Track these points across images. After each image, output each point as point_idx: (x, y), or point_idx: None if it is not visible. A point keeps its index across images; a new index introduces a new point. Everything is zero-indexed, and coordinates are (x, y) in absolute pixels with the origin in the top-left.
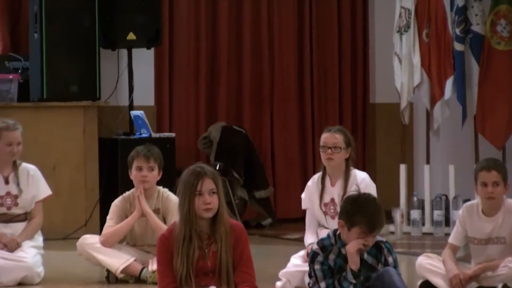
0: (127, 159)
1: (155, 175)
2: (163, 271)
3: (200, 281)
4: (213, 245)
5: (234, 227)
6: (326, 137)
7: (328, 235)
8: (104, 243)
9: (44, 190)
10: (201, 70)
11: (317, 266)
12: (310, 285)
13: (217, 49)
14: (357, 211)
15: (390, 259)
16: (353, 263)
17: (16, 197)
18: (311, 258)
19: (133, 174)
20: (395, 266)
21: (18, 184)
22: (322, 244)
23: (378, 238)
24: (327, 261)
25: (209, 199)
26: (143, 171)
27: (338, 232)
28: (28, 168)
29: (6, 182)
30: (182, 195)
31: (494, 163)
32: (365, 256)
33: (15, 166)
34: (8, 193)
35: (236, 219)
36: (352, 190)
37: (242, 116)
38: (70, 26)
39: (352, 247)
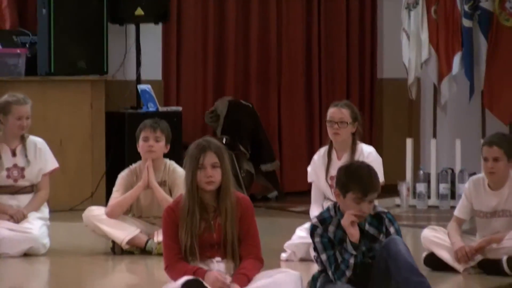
0: (135, 133)
1: (162, 146)
2: (169, 243)
3: (205, 252)
4: (219, 217)
5: (240, 200)
6: (332, 112)
7: (328, 208)
8: (110, 214)
9: (51, 163)
10: (208, 45)
11: (317, 239)
12: (315, 257)
13: (225, 24)
14: (350, 177)
15: (391, 229)
16: (351, 236)
17: (23, 169)
18: (311, 231)
19: (140, 145)
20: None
21: (25, 156)
22: (321, 217)
23: (379, 209)
24: (326, 233)
25: (211, 173)
26: (149, 141)
27: (338, 204)
28: (36, 141)
29: (14, 154)
30: (187, 168)
31: (498, 138)
32: (366, 227)
33: (22, 139)
34: (15, 165)
35: (242, 192)
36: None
37: (249, 90)
38: (78, 1)
39: (345, 221)
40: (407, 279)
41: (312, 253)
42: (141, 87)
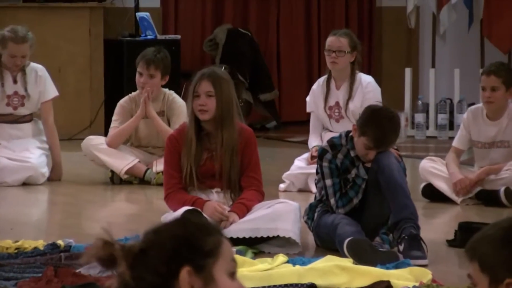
0: (135, 61)
1: (155, 82)
2: (170, 171)
3: (206, 182)
4: (221, 148)
5: (243, 131)
6: (331, 41)
7: (340, 135)
8: (110, 144)
9: (52, 91)
10: None
11: (325, 164)
12: (316, 181)
13: None
14: (370, 123)
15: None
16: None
17: (23, 97)
18: (320, 154)
19: (136, 77)
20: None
21: (26, 88)
22: (332, 142)
23: None
24: (335, 160)
25: (204, 101)
26: (143, 78)
27: (350, 134)
28: (36, 68)
29: (14, 81)
30: (188, 96)
31: (496, 67)
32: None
33: (23, 66)
34: (15, 93)
35: (240, 121)
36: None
37: (248, 18)
38: None
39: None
40: (394, 199)
41: (310, 183)
42: (139, 14)
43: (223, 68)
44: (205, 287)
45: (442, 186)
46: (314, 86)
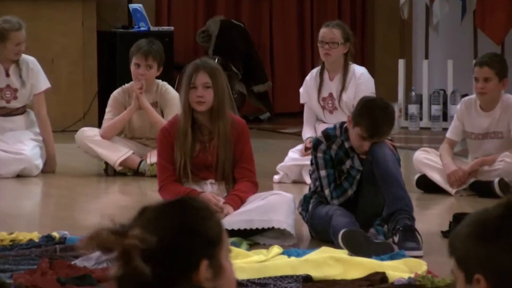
0: (128, 52)
1: (153, 73)
2: (164, 164)
3: (199, 174)
4: (214, 139)
5: (236, 123)
6: (324, 32)
7: (335, 126)
8: (104, 136)
9: (43, 82)
10: None
11: (319, 154)
12: (310, 172)
13: None
14: (364, 114)
15: None
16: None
17: (15, 90)
18: (314, 145)
19: (132, 70)
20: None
21: (20, 77)
22: (327, 133)
23: None
24: (329, 150)
25: (202, 93)
26: (140, 69)
27: (345, 125)
28: (28, 60)
29: (7, 74)
30: (182, 87)
31: (489, 58)
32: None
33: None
34: (8, 86)
35: (234, 113)
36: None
37: (241, 9)
38: None
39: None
40: (389, 190)
41: (304, 174)
42: (132, 6)
43: (216, 59)
44: (215, 276)
45: (436, 177)
46: (307, 78)
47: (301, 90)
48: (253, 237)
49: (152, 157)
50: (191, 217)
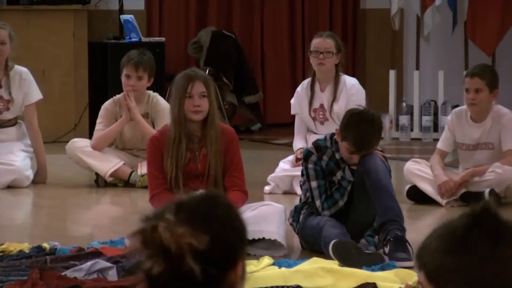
0: (119, 63)
1: (144, 84)
2: (154, 173)
3: (190, 183)
4: (204, 148)
5: (225, 132)
6: (317, 42)
7: (325, 137)
8: (95, 147)
9: (35, 93)
10: None
11: (310, 165)
12: (301, 183)
13: None
14: (350, 127)
15: None
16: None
17: (8, 101)
18: (305, 156)
19: (122, 80)
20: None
21: (10, 92)
22: (317, 144)
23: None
24: (320, 161)
25: (199, 102)
26: (131, 80)
27: (334, 136)
28: (21, 71)
29: None
30: (173, 97)
31: (480, 69)
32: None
33: (6, 69)
34: (0, 97)
35: (225, 123)
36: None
37: (232, 20)
38: None
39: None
40: (380, 201)
41: (295, 185)
42: (124, 17)
43: (207, 70)
44: (243, 278)
45: (427, 188)
46: (299, 89)
47: (292, 101)
48: None
49: (143, 168)
50: (231, 214)
